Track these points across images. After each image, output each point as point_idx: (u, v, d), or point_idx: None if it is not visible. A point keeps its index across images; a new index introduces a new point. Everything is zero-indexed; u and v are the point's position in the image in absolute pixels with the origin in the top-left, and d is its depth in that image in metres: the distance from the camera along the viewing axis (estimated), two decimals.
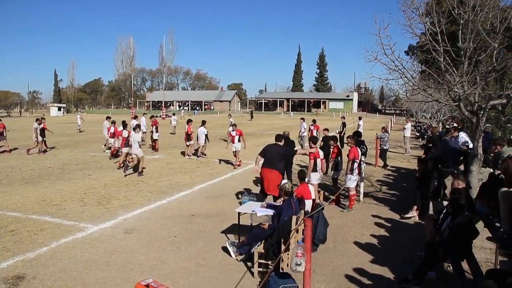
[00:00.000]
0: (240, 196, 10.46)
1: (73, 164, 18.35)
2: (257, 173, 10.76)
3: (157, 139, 23.83)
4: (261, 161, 10.38)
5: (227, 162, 18.62)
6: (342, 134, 23.15)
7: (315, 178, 10.94)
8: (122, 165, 16.45)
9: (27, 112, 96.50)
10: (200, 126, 19.91)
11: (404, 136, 24.25)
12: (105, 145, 23.35)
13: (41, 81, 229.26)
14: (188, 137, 20.33)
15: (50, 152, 22.66)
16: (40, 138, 21.64)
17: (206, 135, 19.91)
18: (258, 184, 12.59)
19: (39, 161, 19.34)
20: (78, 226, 9.31)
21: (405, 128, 24.61)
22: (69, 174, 15.84)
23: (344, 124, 23.79)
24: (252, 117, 65.91)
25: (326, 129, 17.27)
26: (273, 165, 10.19)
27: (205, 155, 20.28)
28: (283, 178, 9.34)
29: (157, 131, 23.82)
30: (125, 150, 16.92)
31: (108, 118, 23.99)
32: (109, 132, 21.50)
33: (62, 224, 9.49)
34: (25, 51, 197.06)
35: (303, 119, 24.67)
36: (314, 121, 22.25)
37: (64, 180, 14.67)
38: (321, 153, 11.36)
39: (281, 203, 7.88)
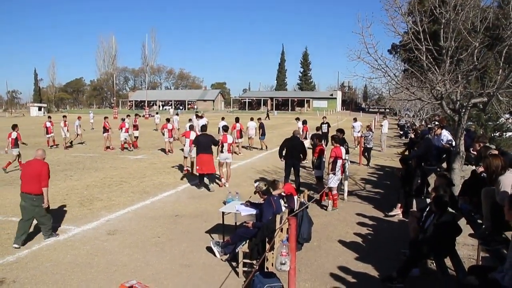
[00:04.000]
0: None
1: (55, 165, 18.06)
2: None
3: (137, 137, 24.80)
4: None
5: None
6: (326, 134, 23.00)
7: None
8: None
9: (6, 112, 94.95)
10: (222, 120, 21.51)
11: (381, 133, 24.51)
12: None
13: (21, 80, 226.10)
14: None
15: (31, 153, 22.23)
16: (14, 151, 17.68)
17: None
18: (241, 182, 12.62)
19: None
20: (60, 228, 9.16)
21: (382, 125, 24.88)
22: (50, 175, 15.54)
23: (328, 124, 23.41)
24: (268, 116, 64.73)
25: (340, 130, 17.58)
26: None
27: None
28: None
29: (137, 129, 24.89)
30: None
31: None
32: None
33: None
34: (3, 49, 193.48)
35: (298, 118, 24.84)
36: (304, 121, 21.98)
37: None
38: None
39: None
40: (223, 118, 23.38)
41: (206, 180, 13.54)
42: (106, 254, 7.73)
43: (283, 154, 12.72)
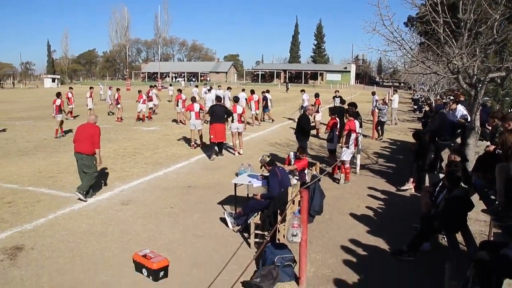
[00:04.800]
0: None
1: (69, 136, 18.23)
2: None
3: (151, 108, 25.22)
4: None
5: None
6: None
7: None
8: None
9: (20, 84, 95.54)
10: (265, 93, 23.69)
11: (392, 108, 24.28)
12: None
13: (34, 51, 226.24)
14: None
15: (45, 123, 22.52)
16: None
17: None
18: (253, 154, 12.70)
19: (34, 133, 19.26)
20: (74, 198, 9.29)
21: (391, 100, 24.64)
22: (64, 146, 15.78)
23: (341, 98, 22.99)
24: (287, 88, 64.86)
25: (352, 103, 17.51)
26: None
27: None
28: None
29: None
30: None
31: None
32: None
33: (58, 195, 9.50)
34: (16, 20, 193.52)
35: (303, 90, 24.67)
36: (317, 94, 21.68)
37: (60, 152, 14.63)
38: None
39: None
40: (243, 90, 23.81)
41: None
42: (120, 223, 7.87)
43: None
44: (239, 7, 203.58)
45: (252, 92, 22.89)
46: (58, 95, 19.11)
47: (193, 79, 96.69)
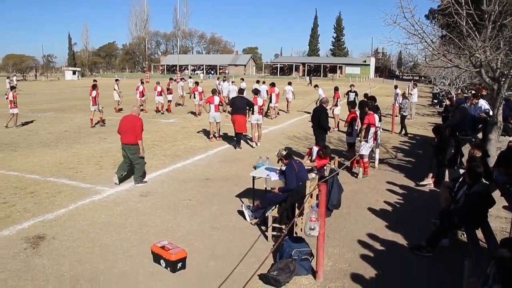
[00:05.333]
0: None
1: (89, 127, 18.50)
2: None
3: (170, 101, 25.24)
4: None
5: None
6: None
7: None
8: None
9: (42, 76, 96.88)
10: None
11: (411, 102, 23.98)
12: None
13: (56, 44, 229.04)
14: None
15: (66, 115, 22.86)
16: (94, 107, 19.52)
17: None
18: (272, 147, 12.73)
19: (55, 124, 19.55)
20: (94, 189, 9.45)
21: (411, 94, 24.35)
22: (85, 137, 16.00)
23: (356, 93, 22.62)
24: (310, 82, 64.42)
25: (366, 94, 17.70)
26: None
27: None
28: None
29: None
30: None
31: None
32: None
33: (79, 186, 9.64)
34: (38, 14, 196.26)
35: (317, 86, 24.58)
36: (336, 88, 21.32)
37: (81, 143, 14.83)
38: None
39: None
40: (263, 82, 24.17)
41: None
42: (138, 215, 7.95)
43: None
44: (259, 0, 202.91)
45: (273, 84, 23.21)
46: (94, 87, 19.65)
47: (212, 72, 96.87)
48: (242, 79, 28.10)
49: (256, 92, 15.78)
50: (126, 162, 9.83)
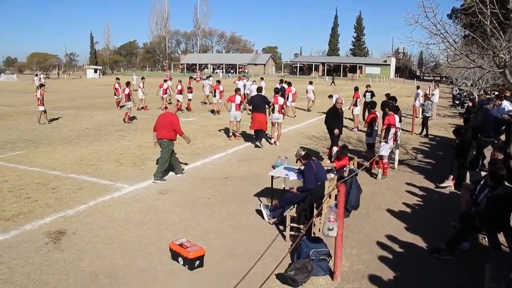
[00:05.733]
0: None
1: (109, 125, 18.73)
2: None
3: (190, 100, 25.40)
4: None
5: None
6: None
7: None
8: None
9: (64, 74, 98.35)
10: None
11: (432, 102, 23.66)
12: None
13: (78, 43, 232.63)
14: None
15: (87, 113, 23.18)
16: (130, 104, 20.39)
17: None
18: (291, 147, 12.76)
19: (77, 122, 19.84)
20: (114, 186, 9.56)
21: (433, 94, 24.04)
22: (105, 135, 16.20)
23: (372, 93, 22.10)
24: (333, 81, 63.98)
25: (388, 94, 17.64)
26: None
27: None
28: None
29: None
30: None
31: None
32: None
33: (99, 183, 9.77)
34: (61, 13, 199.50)
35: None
36: (356, 88, 20.96)
37: (101, 141, 15.02)
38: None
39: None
40: (286, 82, 24.54)
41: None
42: (157, 212, 8.02)
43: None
44: None
45: (289, 84, 23.47)
46: (128, 84, 20.60)
47: (231, 71, 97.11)
48: (262, 78, 28.32)
49: (277, 91, 15.79)
50: (172, 157, 10.44)
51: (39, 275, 5.61)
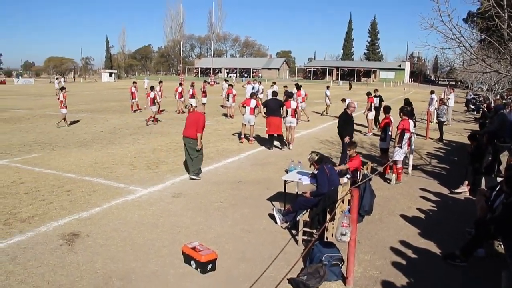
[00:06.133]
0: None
1: (124, 128, 18.88)
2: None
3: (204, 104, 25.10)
4: None
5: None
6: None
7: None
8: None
9: (80, 78, 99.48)
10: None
11: (448, 107, 23.47)
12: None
13: (94, 47, 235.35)
14: None
15: (102, 116, 23.39)
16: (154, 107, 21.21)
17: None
18: (304, 151, 12.79)
19: (91, 125, 20.04)
20: (128, 189, 9.63)
21: (449, 99, 23.84)
22: (119, 138, 16.33)
23: (380, 98, 21.68)
24: (350, 87, 63.72)
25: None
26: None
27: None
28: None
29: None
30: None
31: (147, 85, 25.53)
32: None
33: (113, 186, 9.85)
34: (78, 18, 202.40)
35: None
36: (368, 93, 20.73)
37: (115, 144, 15.14)
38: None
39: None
40: (298, 85, 24.80)
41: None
42: (170, 215, 8.05)
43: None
44: (293, 4, 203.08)
45: (299, 88, 23.54)
46: (152, 88, 21.49)
47: (245, 75, 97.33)
48: (274, 83, 28.44)
49: (290, 95, 15.99)
50: (189, 157, 10.63)
51: (53, 276, 5.67)
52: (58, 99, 20.24)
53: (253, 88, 26.50)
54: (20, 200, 8.73)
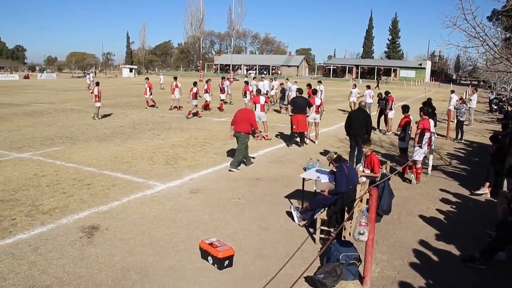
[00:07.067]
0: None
1: (143, 124, 19.05)
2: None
3: (223, 99, 25.85)
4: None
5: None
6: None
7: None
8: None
9: (101, 73, 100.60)
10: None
11: (470, 107, 23.14)
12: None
13: (115, 43, 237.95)
14: None
15: (122, 111, 23.63)
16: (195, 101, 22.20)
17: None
18: (322, 149, 12.75)
19: (112, 120, 20.27)
20: (147, 184, 9.72)
21: (471, 99, 23.47)
22: (139, 133, 16.49)
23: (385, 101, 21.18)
24: (378, 85, 62.31)
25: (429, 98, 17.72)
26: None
27: None
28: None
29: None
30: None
31: (175, 78, 25.97)
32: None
33: (132, 180, 9.95)
34: (99, 14, 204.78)
35: (355, 85, 24.53)
36: (387, 92, 20.43)
37: (135, 139, 15.29)
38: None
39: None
40: (319, 82, 24.56)
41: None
42: (188, 211, 8.11)
43: (349, 129, 11.89)
44: (313, 1, 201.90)
45: (310, 86, 23.05)
46: (195, 84, 22.46)
47: (264, 72, 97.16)
48: (287, 79, 28.67)
49: (314, 92, 16.18)
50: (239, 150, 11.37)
51: (73, 268, 5.76)
52: (92, 93, 21.10)
53: (261, 86, 26.63)
54: (42, 192, 8.89)
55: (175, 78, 25.80)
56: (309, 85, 22.86)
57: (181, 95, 25.05)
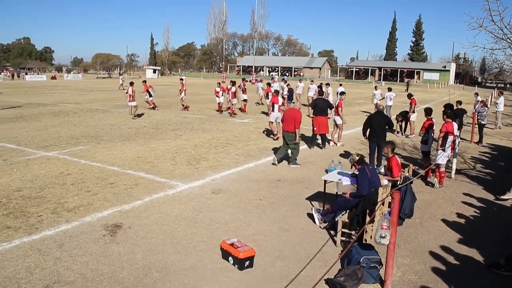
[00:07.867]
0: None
1: (166, 124, 19.24)
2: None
3: (246, 100, 25.78)
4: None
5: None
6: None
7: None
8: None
9: (125, 74, 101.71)
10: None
11: (497, 111, 22.75)
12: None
13: (139, 44, 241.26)
14: None
15: (145, 112, 23.91)
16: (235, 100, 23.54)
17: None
18: (344, 151, 12.68)
19: (135, 120, 20.53)
20: (169, 183, 9.82)
21: (497, 103, 23.06)
22: (162, 134, 16.67)
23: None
24: (407, 88, 60.41)
25: (459, 102, 17.71)
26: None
27: None
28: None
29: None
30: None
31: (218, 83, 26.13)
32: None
33: (154, 180, 10.07)
34: (124, 16, 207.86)
35: (390, 88, 24.21)
36: (410, 95, 20.21)
37: (157, 139, 15.46)
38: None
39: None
40: (340, 85, 24.58)
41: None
42: (210, 211, 8.17)
43: (367, 132, 11.87)
44: (336, 2, 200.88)
45: (320, 87, 24.00)
46: (234, 83, 23.67)
47: (287, 74, 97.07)
48: (312, 81, 28.90)
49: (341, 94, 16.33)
50: (285, 147, 12.07)
51: (96, 265, 5.88)
52: (127, 93, 21.88)
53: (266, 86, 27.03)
54: (67, 190, 9.08)
55: (181, 80, 26.65)
56: (268, 84, 23.10)
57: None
